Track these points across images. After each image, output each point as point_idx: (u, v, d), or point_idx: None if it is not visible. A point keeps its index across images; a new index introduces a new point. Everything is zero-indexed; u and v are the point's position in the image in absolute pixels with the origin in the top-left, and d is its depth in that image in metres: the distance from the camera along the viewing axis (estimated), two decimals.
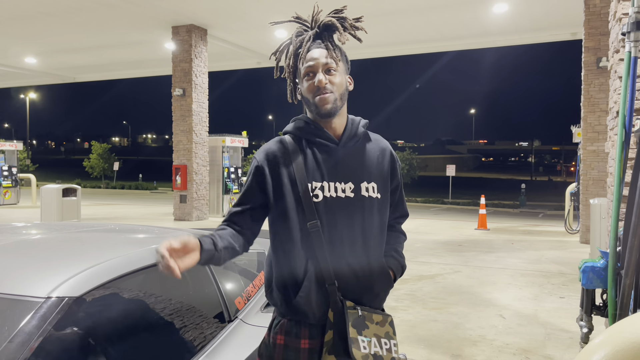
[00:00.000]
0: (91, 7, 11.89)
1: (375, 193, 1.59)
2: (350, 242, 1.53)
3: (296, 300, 1.49)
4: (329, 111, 1.55)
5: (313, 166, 1.54)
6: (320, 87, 1.53)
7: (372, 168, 1.61)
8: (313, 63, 1.55)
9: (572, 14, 11.52)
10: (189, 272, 2.02)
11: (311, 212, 1.50)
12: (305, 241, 1.51)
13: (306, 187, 1.52)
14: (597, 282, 2.36)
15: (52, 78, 21.56)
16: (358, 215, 1.55)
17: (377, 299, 1.59)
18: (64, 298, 1.38)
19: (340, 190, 1.54)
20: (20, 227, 2.24)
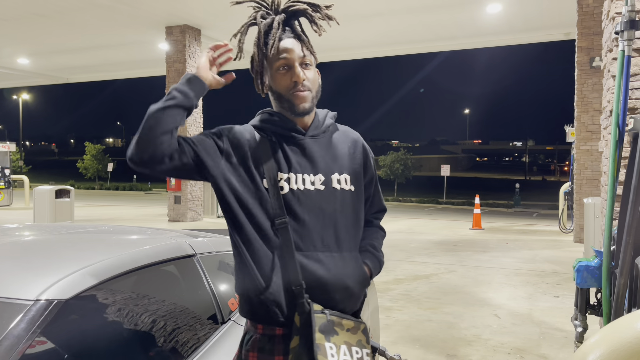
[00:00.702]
0: (84, 8, 11.83)
1: (348, 185, 1.50)
2: (321, 238, 1.43)
3: (264, 298, 1.38)
4: (307, 110, 1.46)
5: (278, 157, 1.44)
6: (299, 83, 1.44)
7: (343, 159, 1.52)
8: (288, 56, 1.44)
9: (565, 14, 11.56)
10: (182, 274, 2.00)
11: (279, 207, 1.40)
12: (272, 239, 1.40)
13: (275, 178, 1.42)
14: (591, 281, 2.36)
15: (45, 79, 21.45)
16: (330, 209, 1.45)
17: (350, 300, 1.47)
18: (53, 301, 1.36)
19: (309, 182, 1.44)
20: (11, 229, 2.22)
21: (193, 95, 1.41)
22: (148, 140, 1.32)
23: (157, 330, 1.72)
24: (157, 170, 1.36)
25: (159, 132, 1.32)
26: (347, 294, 1.44)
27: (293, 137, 1.47)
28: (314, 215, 1.42)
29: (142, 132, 1.33)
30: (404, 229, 13.02)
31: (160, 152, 1.33)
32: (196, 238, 2.23)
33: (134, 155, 1.33)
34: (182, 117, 1.38)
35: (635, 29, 2.27)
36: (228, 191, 1.42)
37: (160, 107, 1.35)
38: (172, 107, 1.36)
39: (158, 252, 1.85)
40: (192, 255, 1.99)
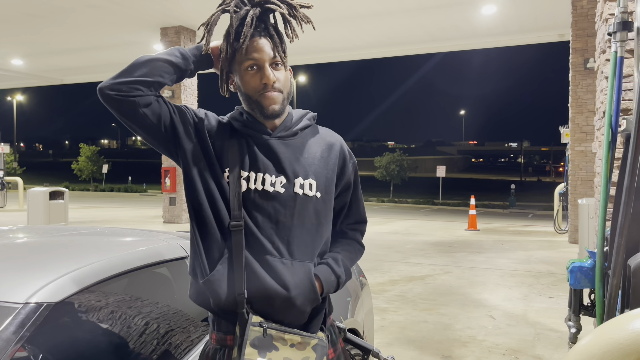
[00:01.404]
0: (78, 9, 11.79)
1: (312, 191, 1.41)
2: (272, 244, 1.36)
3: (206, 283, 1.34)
4: (277, 112, 1.40)
5: (243, 154, 1.39)
6: (268, 85, 1.37)
7: (313, 163, 1.43)
8: (258, 56, 1.36)
9: (560, 16, 11.61)
10: (174, 276, 1.99)
11: (237, 206, 1.35)
12: (226, 235, 1.36)
13: (237, 175, 1.36)
14: (584, 282, 2.36)
15: (40, 80, 21.37)
16: (287, 214, 1.37)
17: (292, 313, 1.36)
18: (42, 304, 1.35)
19: (268, 183, 1.37)
20: (2, 231, 2.20)
21: (193, 60, 1.38)
22: (126, 81, 1.28)
23: (150, 333, 1.71)
24: (121, 112, 1.31)
25: (138, 77, 1.29)
26: (289, 304, 1.34)
27: (259, 136, 1.42)
28: (267, 217, 1.36)
29: (125, 71, 1.30)
30: (400, 230, 13.03)
31: (132, 96, 1.29)
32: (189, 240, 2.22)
33: (105, 87, 1.29)
34: (170, 76, 1.34)
35: (627, 30, 2.28)
36: (195, 171, 1.38)
37: (155, 57, 1.33)
38: (164, 62, 1.33)
39: (150, 254, 1.84)
40: (184, 257, 1.98)
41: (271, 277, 1.34)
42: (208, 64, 1.43)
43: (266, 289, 1.33)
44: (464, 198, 26.43)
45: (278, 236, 1.37)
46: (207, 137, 1.40)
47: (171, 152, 1.41)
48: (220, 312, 1.37)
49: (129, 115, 1.31)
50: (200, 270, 1.37)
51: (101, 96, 1.30)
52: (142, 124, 1.33)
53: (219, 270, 1.34)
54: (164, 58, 1.34)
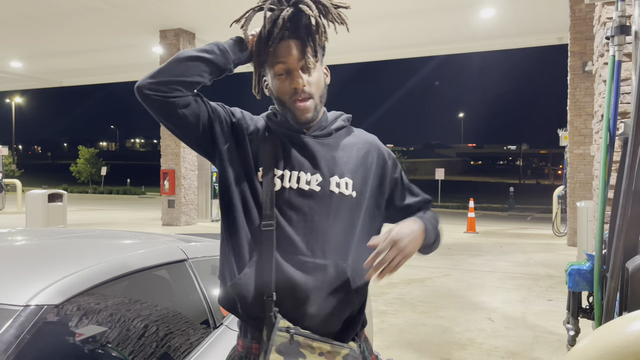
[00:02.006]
0: (77, 11, 11.80)
1: (348, 190, 1.36)
2: (306, 244, 1.30)
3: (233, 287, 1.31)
4: (309, 120, 1.37)
5: (277, 153, 1.36)
6: (298, 89, 1.33)
7: (349, 163, 1.39)
8: (287, 60, 1.33)
9: (558, 19, 11.64)
10: (173, 278, 1.99)
11: (270, 206, 1.31)
12: (256, 236, 1.32)
13: (271, 173, 1.33)
14: (583, 285, 2.37)
15: (39, 82, 21.37)
16: (322, 212, 1.33)
17: (331, 323, 1.31)
18: (43, 306, 1.35)
19: (304, 181, 1.33)
20: (2, 234, 2.20)
21: (233, 57, 1.34)
22: (165, 81, 1.25)
23: (149, 336, 1.71)
24: (159, 112, 1.29)
25: (177, 77, 1.26)
26: (326, 316, 1.30)
27: (294, 135, 1.39)
28: (302, 216, 1.32)
29: (163, 70, 1.27)
30: None
31: (171, 97, 1.26)
32: (189, 242, 2.22)
33: (143, 86, 1.26)
34: (210, 75, 1.31)
35: (625, 34, 2.29)
36: (230, 171, 1.35)
37: (194, 55, 1.29)
38: (203, 61, 1.30)
39: (149, 257, 1.85)
40: (184, 259, 1.99)
41: (302, 278, 1.29)
42: (247, 59, 1.39)
43: (296, 290, 1.28)
44: (462, 201, 26.43)
45: (312, 235, 1.32)
46: (244, 137, 1.38)
47: (207, 151, 1.39)
48: (248, 318, 1.34)
49: (166, 115, 1.29)
50: (230, 273, 1.34)
51: (139, 95, 1.27)
52: (179, 124, 1.31)
53: (247, 273, 1.31)
54: (204, 57, 1.30)
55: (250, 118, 1.43)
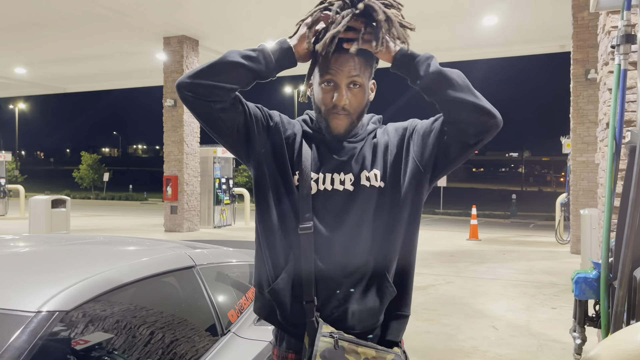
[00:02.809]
0: (82, 18, 11.87)
1: (377, 181, 1.35)
2: (342, 243, 1.31)
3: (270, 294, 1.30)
4: (341, 135, 1.37)
5: (313, 157, 1.37)
6: (338, 106, 1.32)
7: (377, 156, 1.38)
8: (336, 73, 1.31)
9: (561, 27, 11.68)
10: (181, 285, 2.00)
11: (307, 209, 1.31)
12: (293, 240, 1.32)
13: (307, 177, 1.32)
14: (589, 293, 2.37)
15: (42, 89, 21.47)
16: (357, 210, 1.33)
17: (373, 316, 1.32)
18: (54, 312, 1.36)
19: (338, 182, 1.34)
20: (11, 240, 2.21)
21: (275, 67, 1.32)
22: (205, 84, 1.25)
23: (156, 342, 1.71)
24: (196, 112, 1.29)
25: (218, 82, 1.25)
26: (360, 303, 1.31)
27: (330, 141, 1.39)
28: (338, 216, 1.32)
29: (206, 71, 1.26)
30: None
31: (208, 101, 1.26)
32: (195, 249, 2.23)
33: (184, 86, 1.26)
34: (249, 83, 1.30)
35: (631, 42, 2.30)
36: (267, 175, 1.35)
37: (238, 62, 1.27)
38: (247, 70, 1.28)
39: (158, 264, 1.85)
40: (192, 266, 2.00)
41: (342, 277, 1.29)
42: (290, 64, 1.35)
43: (337, 290, 1.29)
44: (465, 207, 26.39)
45: (347, 233, 1.32)
46: (281, 141, 1.37)
47: (241, 154, 1.38)
48: (288, 325, 1.33)
49: (202, 116, 1.30)
50: (267, 280, 1.34)
51: (180, 94, 1.28)
52: (214, 126, 1.31)
53: (284, 278, 1.31)
54: (249, 67, 1.28)
55: (288, 122, 1.43)
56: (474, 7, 11.13)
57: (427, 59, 1.32)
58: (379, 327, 1.36)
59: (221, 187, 15.30)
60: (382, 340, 1.35)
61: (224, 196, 15.33)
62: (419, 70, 1.31)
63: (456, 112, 1.28)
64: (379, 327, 1.36)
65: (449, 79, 1.29)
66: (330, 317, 1.30)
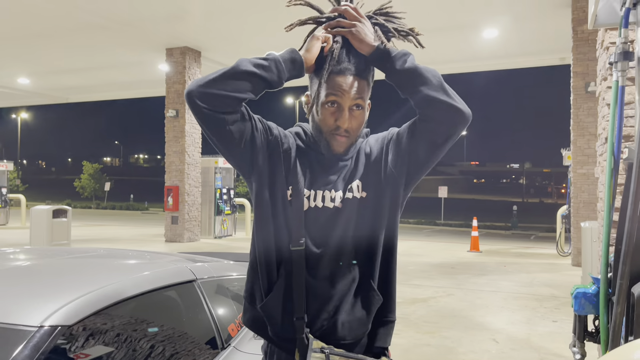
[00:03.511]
0: (86, 29, 11.97)
1: (359, 192, 1.39)
2: (330, 257, 1.34)
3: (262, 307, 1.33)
4: (340, 155, 1.40)
5: (303, 173, 1.39)
6: (341, 128, 1.35)
7: (359, 168, 1.42)
8: (342, 95, 1.34)
9: (561, 40, 11.75)
10: (182, 299, 2.01)
11: (299, 224, 1.34)
12: (285, 256, 1.34)
13: (300, 192, 1.35)
14: (589, 308, 2.37)
15: (45, 98, 21.58)
16: (343, 223, 1.36)
17: (362, 325, 1.36)
18: (56, 327, 1.37)
19: (328, 199, 1.37)
20: (13, 253, 2.23)
21: (287, 77, 1.33)
22: (218, 95, 1.24)
23: (157, 356, 1.72)
24: (206, 125, 1.28)
25: (231, 92, 1.25)
26: (349, 312, 1.34)
27: (322, 157, 1.41)
28: (327, 231, 1.36)
29: (218, 80, 1.25)
30: (402, 251, 12.99)
31: (221, 112, 1.26)
32: (196, 262, 2.24)
33: (195, 95, 1.24)
34: (261, 91, 1.31)
35: (629, 59, 2.32)
36: (266, 190, 1.36)
37: (252, 71, 1.27)
38: (260, 79, 1.28)
39: (160, 278, 1.87)
40: (192, 280, 2.01)
41: (330, 290, 1.33)
42: (299, 73, 1.37)
43: (326, 303, 1.32)
44: (465, 219, 26.37)
45: (336, 247, 1.35)
46: (279, 154, 1.38)
47: (243, 167, 1.38)
48: (279, 340, 1.35)
49: (213, 130, 1.29)
50: (260, 294, 1.36)
51: (189, 102, 1.26)
52: (223, 139, 1.31)
53: (276, 293, 1.33)
54: (262, 76, 1.29)
55: (284, 135, 1.43)
56: (474, 20, 11.21)
57: (403, 55, 1.36)
58: (367, 335, 1.40)
59: (222, 197, 15.32)
60: (371, 347, 1.40)
61: (225, 206, 15.34)
62: (395, 64, 1.34)
63: (429, 108, 1.32)
64: (367, 335, 1.40)
65: (423, 76, 1.33)
66: (321, 329, 1.33)
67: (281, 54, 1.33)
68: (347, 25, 1.35)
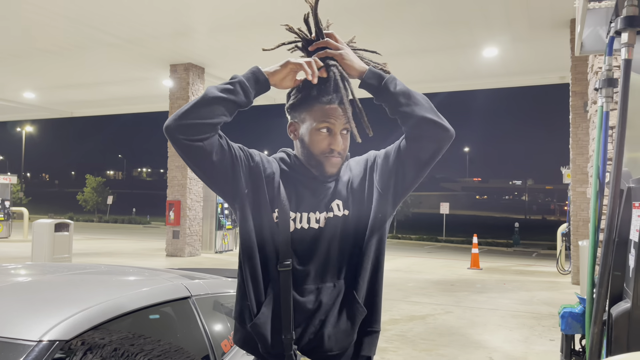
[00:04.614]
0: (91, 46, 12.17)
1: (341, 210, 1.48)
2: (315, 274, 1.42)
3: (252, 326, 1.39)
4: (333, 175, 1.49)
5: (289, 196, 1.47)
6: (335, 150, 1.45)
7: (340, 188, 1.50)
8: (334, 122, 1.44)
9: (560, 59, 11.88)
10: (177, 315, 2.07)
11: (285, 247, 1.41)
12: (273, 276, 1.41)
13: (286, 215, 1.42)
14: (576, 328, 2.42)
15: (50, 113, 21.79)
16: (326, 240, 1.44)
17: (348, 336, 1.43)
18: (55, 341, 1.43)
19: (313, 220, 1.45)
20: (14, 269, 2.30)
21: (254, 95, 1.42)
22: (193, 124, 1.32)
23: None
24: (187, 155, 1.35)
25: (205, 120, 1.33)
26: (334, 325, 1.41)
27: (306, 180, 1.49)
28: (312, 251, 1.43)
29: (190, 111, 1.33)
30: (403, 267, 13.00)
31: (199, 140, 1.33)
32: (192, 279, 2.30)
33: (173, 129, 1.32)
34: (233, 112, 1.39)
35: (612, 86, 2.40)
36: (249, 213, 1.43)
37: (219, 97, 1.35)
38: (229, 102, 1.37)
39: (155, 294, 1.93)
40: (187, 297, 2.07)
41: (316, 306, 1.40)
42: (265, 89, 1.46)
43: (312, 319, 1.40)
44: (467, 235, 26.33)
45: (320, 264, 1.43)
46: (262, 180, 1.46)
47: (227, 195, 1.46)
48: (270, 356, 1.42)
49: (194, 159, 1.37)
50: (249, 314, 1.43)
51: (168, 136, 1.34)
52: (204, 167, 1.39)
53: (264, 312, 1.40)
54: (229, 99, 1.37)
55: (267, 161, 1.52)
56: (474, 39, 11.36)
57: (393, 79, 1.45)
58: (353, 345, 1.47)
59: (223, 212, 15.38)
60: (357, 356, 1.47)
61: (226, 221, 15.40)
62: (389, 86, 1.43)
63: (419, 127, 1.41)
64: (352, 346, 1.47)
65: (415, 98, 1.43)
66: (309, 343, 1.40)
67: (245, 75, 1.42)
68: (334, 47, 1.46)
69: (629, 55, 1.88)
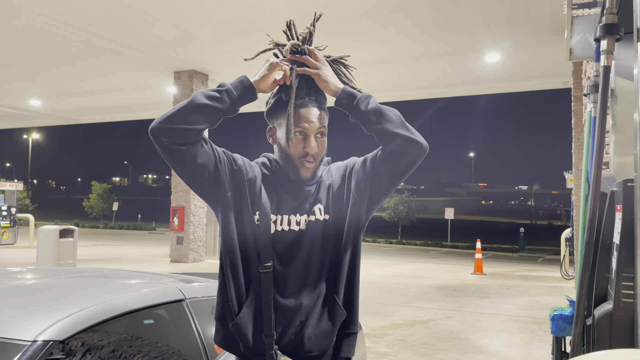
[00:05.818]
0: (97, 54, 12.31)
1: (322, 215, 1.52)
2: (297, 276, 1.46)
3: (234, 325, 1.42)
4: (307, 180, 1.53)
5: (270, 199, 1.51)
6: (310, 154, 1.49)
7: (321, 193, 1.55)
8: (308, 126, 1.48)
9: (562, 64, 11.89)
10: (171, 317, 2.11)
11: (266, 248, 1.45)
12: (254, 277, 1.45)
13: (267, 217, 1.46)
14: (566, 330, 2.45)
15: (56, 120, 21.99)
16: (307, 244, 1.48)
17: (328, 337, 1.46)
18: (49, 342, 1.48)
19: (294, 222, 1.49)
20: (13, 272, 2.35)
21: (240, 103, 1.46)
22: (177, 128, 1.35)
23: None
24: (171, 158, 1.39)
25: (189, 125, 1.36)
26: (315, 326, 1.44)
27: (287, 184, 1.54)
28: (293, 253, 1.47)
29: (176, 115, 1.36)
30: (406, 272, 13.00)
31: (182, 144, 1.37)
32: (188, 283, 2.35)
33: (157, 131, 1.35)
34: (218, 120, 1.43)
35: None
36: (231, 216, 1.47)
37: (205, 104, 1.38)
38: (214, 110, 1.40)
39: (149, 297, 1.98)
40: (181, 299, 2.11)
41: (297, 307, 1.44)
42: (252, 99, 1.49)
43: (293, 320, 1.44)
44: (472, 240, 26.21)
45: (302, 266, 1.47)
46: (244, 183, 1.50)
47: (209, 198, 1.51)
48: (251, 355, 1.46)
49: (176, 161, 1.41)
50: (230, 314, 1.47)
51: (153, 138, 1.38)
52: (186, 171, 1.43)
53: (245, 312, 1.44)
54: (216, 107, 1.40)
55: (249, 165, 1.56)
56: (476, 45, 11.40)
57: (366, 97, 1.51)
58: (332, 347, 1.51)
59: None
60: (336, 358, 1.51)
61: None
62: (360, 106, 1.49)
63: (392, 143, 1.47)
64: (332, 347, 1.50)
65: (386, 115, 1.48)
66: (289, 344, 1.43)
67: (232, 83, 1.46)
68: (312, 66, 1.51)
69: (607, 62, 1.91)
